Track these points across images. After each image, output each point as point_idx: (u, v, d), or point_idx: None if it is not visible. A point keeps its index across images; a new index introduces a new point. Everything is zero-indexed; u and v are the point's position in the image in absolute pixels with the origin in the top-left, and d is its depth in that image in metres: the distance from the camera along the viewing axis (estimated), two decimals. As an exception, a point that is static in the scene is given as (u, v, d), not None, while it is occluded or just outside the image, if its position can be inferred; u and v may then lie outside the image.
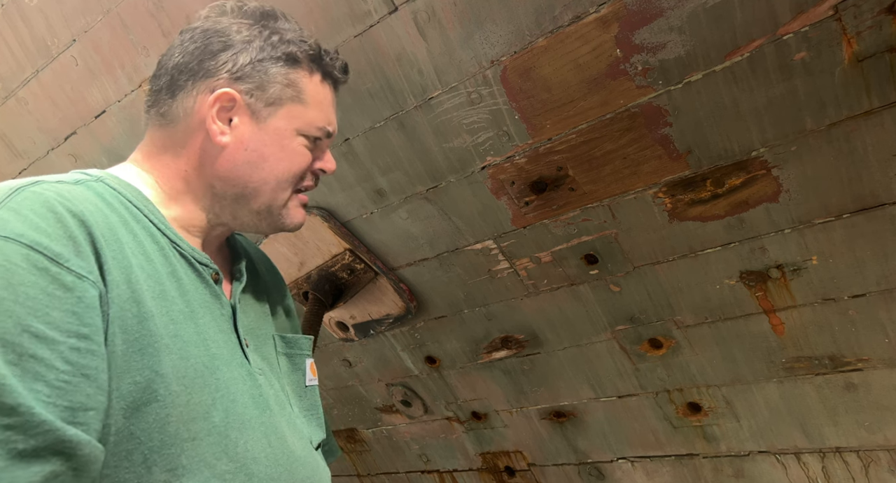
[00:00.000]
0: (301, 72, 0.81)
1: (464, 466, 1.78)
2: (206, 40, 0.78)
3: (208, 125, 0.77)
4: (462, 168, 1.15)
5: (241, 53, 0.78)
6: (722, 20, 0.85)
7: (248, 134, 0.79)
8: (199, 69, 0.78)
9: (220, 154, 0.79)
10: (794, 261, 1.04)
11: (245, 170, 0.80)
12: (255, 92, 0.78)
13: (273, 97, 0.79)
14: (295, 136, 0.82)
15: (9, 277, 0.54)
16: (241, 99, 0.78)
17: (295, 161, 0.82)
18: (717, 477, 1.37)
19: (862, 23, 0.80)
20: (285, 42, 0.80)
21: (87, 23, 1.31)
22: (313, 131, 0.83)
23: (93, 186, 0.68)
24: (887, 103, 0.85)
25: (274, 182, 0.81)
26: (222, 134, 0.78)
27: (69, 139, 1.51)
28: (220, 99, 0.77)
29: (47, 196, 0.60)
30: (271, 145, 0.80)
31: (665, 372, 1.28)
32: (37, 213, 0.58)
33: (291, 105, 0.81)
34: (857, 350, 1.08)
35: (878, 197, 0.93)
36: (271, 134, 0.80)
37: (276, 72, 0.79)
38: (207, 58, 0.78)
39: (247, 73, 0.78)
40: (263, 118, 0.79)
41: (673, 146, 0.99)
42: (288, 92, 0.80)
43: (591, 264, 1.20)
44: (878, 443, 1.16)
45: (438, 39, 1.02)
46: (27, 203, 0.58)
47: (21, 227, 0.56)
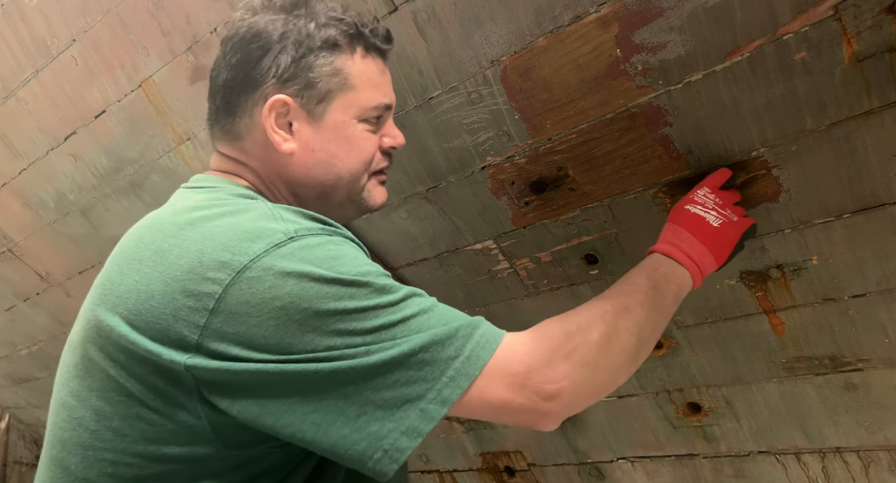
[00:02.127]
0: (343, 55, 0.79)
1: (464, 466, 1.78)
2: (246, 49, 0.77)
3: (270, 136, 0.77)
4: (462, 168, 1.15)
5: (282, 54, 0.76)
6: (722, 20, 0.85)
7: (310, 135, 0.79)
8: (247, 81, 0.77)
9: (291, 161, 0.79)
10: (794, 261, 1.04)
11: (319, 170, 0.80)
12: (304, 91, 0.77)
13: (323, 92, 0.78)
14: (356, 123, 0.81)
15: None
16: (293, 102, 0.77)
17: (363, 149, 0.82)
18: (717, 477, 1.37)
19: (862, 23, 0.80)
20: (321, 27, 0.77)
21: (87, 23, 1.31)
22: (371, 113, 0.82)
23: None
24: (887, 103, 0.85)
25: (348, 175, 0.81)
26: (286, 141, 0.78)
27: (69, 139, 1.51)
28: (274, 107, 0.76)
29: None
30: (335, 141, 0.79)
31: (665, 372, 1.28)
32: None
33: (343, 94, 0.79)
34: (857, 350, 1.08)
35: (878, 197, 0.93)
36: (332, 129, 0.79)
37: (319, 63, 0.77)
38: (251, 68, 0.77)
39: (292, 73, 0.76)
40: (320, 115, 0.78)
41: (673, 146, 0.99)
42: (336, 81, 0.78)
43: (592, 264, 1.20)
44: (878, 443, 1.16)
45: (438, 39, 1.02)
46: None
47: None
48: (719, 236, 0.87)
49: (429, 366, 0.61)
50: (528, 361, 0.65)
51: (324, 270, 0.61)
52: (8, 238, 1.86)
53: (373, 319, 0.61)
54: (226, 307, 0.60)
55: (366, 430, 0.59)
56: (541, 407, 0.65)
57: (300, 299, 0.60)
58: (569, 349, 0.67)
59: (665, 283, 0.81)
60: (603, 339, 0.70)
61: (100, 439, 0.64)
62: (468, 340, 0.63)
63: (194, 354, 0.60)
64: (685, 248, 0.85)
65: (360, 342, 0.60)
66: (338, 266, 0.62)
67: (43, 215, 1.73)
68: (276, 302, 0.60)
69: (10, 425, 2.78)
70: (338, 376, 0.59)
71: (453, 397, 0.61)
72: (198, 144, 1.37)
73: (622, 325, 0.73)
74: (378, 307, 0.62)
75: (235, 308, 0.60)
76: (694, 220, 0.88)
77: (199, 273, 0.61)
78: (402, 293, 0.65)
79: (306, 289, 0.60)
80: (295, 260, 0.61)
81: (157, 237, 0.67)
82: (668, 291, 0.80)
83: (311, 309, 0.60)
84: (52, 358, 2.25)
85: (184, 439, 0.63)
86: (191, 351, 0.60)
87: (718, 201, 0.91)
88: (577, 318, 0.72)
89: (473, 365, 0.62)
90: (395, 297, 0.64)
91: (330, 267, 0.62)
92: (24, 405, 2.67)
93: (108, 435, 0.64)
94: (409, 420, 0.60)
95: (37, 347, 2.24)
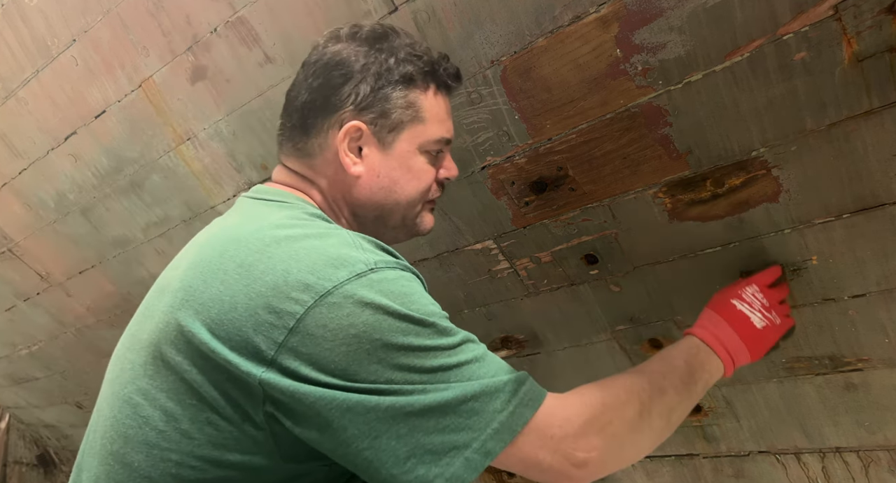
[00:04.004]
0: (417, 90, 0.85)
1: (464, 466, 1.78)
2: (328, 75, 0.83)
3: (342, 158, 0.82)
4: (462, 168, 1.15)
5: (362, 83, 0.81)
6: (722, 20, 0.85)
7: (377, 161, 0.84)
8: (326, 105, 0.83)
9: (356, 183, 0.84)
10: (794, 261, 1.04)
11: (381, 195, 0.85)
12: (378, 120, 0.82)
13: (395, 122, 0.83)
14: (418, 154, 0.86)
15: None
16: (366, 129, 0.82)
17: (422, 179, 0.87)
18: (717, 477, 1.37)
19: (862, 23, 0.80)
20: (400, 62, 0.83)
21: (87, 23, 1.31)
22: (434, 146, 0.87)
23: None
24: (887, 103, 0.85)
25: (406, 202, 0.87)
26: (355, 164, 0.83)
27: (69, 139, 1.51)
28: (350, 132, 0.82)
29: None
30: (399, 169, 0.85)
31: (665, 372, 1.28)
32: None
33: (413, 126, 0.85)
34: (857, 350, 1.08)
35: (878, 197, 0.93)
36: (397, 157, 0.85)
37: (395, 96, 0.83)
38: (332, 93, 0.82)
39: (369, 102, 0.82)
40: (389, 144, 0.84)
41: (673, 146, 0.99)
42: (408, 114, 0.84)
43: (591, 264, 1.20)
44: (878, 443, 1.16)
45: (438, 39, 1.02)
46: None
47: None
48: (761, 338, 0.92)
49: (477, 415, 0.64)
50: (566, 427, 0.69)
51: (398, 305, 0.65)
52: (8, 238, 1.86)
53: (432, 359, 0.65)
54: (304, 328, 0.63)
55: (413, 472, 0.63)
56: (569, 471, 0.69)
57: (373, 330, 0.63)
58: (604, 422, 0.71)
59: (700, 372, 0.85)
60: (636, 418, 0.74)
61: (167, 440, 0.66)
62: (514, 396, 0.67)
63: (268, 369, 0.63)
64: (725, 341, 0.89)
65: (418, 379, 0.64)
66: (409, 303, 0.66)
67: (43, 215, 1.73)
68: (352, 329, 0.63)
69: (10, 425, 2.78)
70: (394, 413, 0.63)
71: (496, 450, 0.64)
72: (198, 144, 1.37)
73: (655, 406, 0.77)
74: (438, 348, 0.65)
75: (313, 330, 0.63)
76: (738, 318, 0.92)
77: (284, 292, 0.64)
78: (459, 337, 0.68)
79: (380, 321, 0.64)
80: (374, 291, 0.65)
81: (241, 251, 0.69)
82: (700, 379, 0.84)
83: (381, 341, 0.63)
84: (51, 358, 2.25)
85: (246, 448, 0.66)
86: (265, 365, 0.63)
87: (765, 302, 0.95)
88: (616, 391, 0.76)
89: (517, 421, 0.66)
90: (453, 341, 0.67)
91: (403, 303, 0.65)
92: (24, 405, 2.67)
93: (176, 436, 0.66)
94: (454, 467, 0.63)
95: (37, 347, 2.24)
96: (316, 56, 0.85)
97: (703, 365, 0.86)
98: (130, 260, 1.71)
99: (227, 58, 1.22)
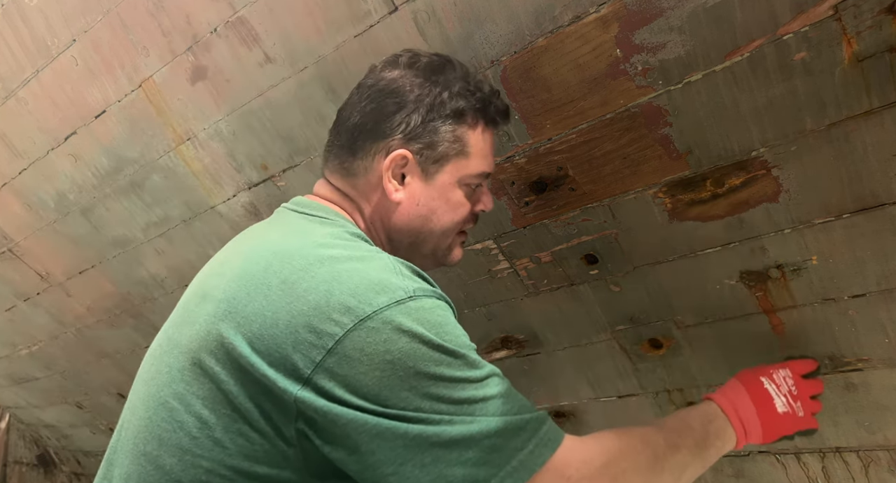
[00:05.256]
0: (466, 126, 0.87)
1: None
2: (382, 101, 0.84)
3: (385, 183, 0.84)
4: (462, 168, 1.15)
5: (414, 114, 0.83)
6: (722, 20, 0.85)
7: (418, 190, 0.86)
8: (377, 130, 0.84)
9: (396, 209, 0.87)
10: (794, 261, 1.04)
11: (417, 223, 0.88)
12: (425, 151, 0.84)
13: (441, 155, 0.85)
14: (457, 187, 0.88)
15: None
16: (412, 158, 0.84)
17: (458, 212, 0.89)
18: (717, 477, 1.37)
19: (862, 23, 0.80)
20: (454, 97, 0.85)
21: (87, 23, 1.31)
22: (474, 180, 0.89)
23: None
24: (887, 103, 0.85)
25: (440, 232, 0.89)
26: (397, 191, 0.85)
27: (69, 139, 1.51)
28: (396, 160, 0.84)
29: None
30: (438, 200, 0.87)
31: (665, 372, 1.28)
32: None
33: (457, 160, 0.86)
34: (857, 350, 1.08)
35: (878, 197, 0.93)
36: (438, 188, 0.87)
37: (444, 130, 0.84)
38: (383, 120, 0.84)
39: (418, 133, 0.83)
40: (431, 174, 0.86)
41: (673, 146, 0.99)
42: (455, 148, 0.86)
43: (591, 264, 1.20)
44: (878, 443, 1.16)
45: (438, 39, 1.02)
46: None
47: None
48: (778, 423, 0.93)
49: (498, 452, 0.65)
50: (583, 469, 0.70)
51: (433, 335, 0.66)
52: (8, 238, 1.86)
53: (461, 391, 0.66)
54: (342, 350, 0.64)
55: None
56: None
57: (408, 357, 0.65)
58: (619, 470, 0.72)
59: (714, 439, 0.86)
60: (649, 470, 0.75)
61: (200, 446, 0.68)
62: (535, 435, 0.68)
63: (304, 387, 0.64)
64: (743, 416, 0.91)
65: (446, 410, 0.65)
66: (444, 333, 0.68)
67: (43, 215, 1.73)
68: (388, 355, 0.64)
69: (10, 425, 2.78)
70: (421, 441, 0.64)
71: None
72: (198, 144, 1.37)
73: (668, 462, 0.78)
74: (467, 380, 0.67)
75: (350, 352, 0.64)
76: (762, 396, 0.93)
77: (325, 312, 0.65)
78: (486, 371, 0.69)
79: (416, 349, 0.65)
80: (412, 319, 0.66)
81: (286, 267, 0.70)
82: (714, 446, 0.86)
83: (415, 369, 0.65)
84: (52, 358, 2.25)
85: (275, 462, 0.67)
86: (302, 383, 0.64)
87: (794, 390, 0.96)
88: (633, 440, 0.77)
89: (535, 460, 0.67)
90: (481, 374, 0.68)
91: (438, 333, 0.67)
92: (24, 405, 2.67)
93: (208, 444, 0.67)
94: None
95: (37, 347, 2.24)
96: (372, 80, 0.87)
97: (719, 433, 0.87)
98: (130, 260, 1.71)
99: (227, 58, 1.22)
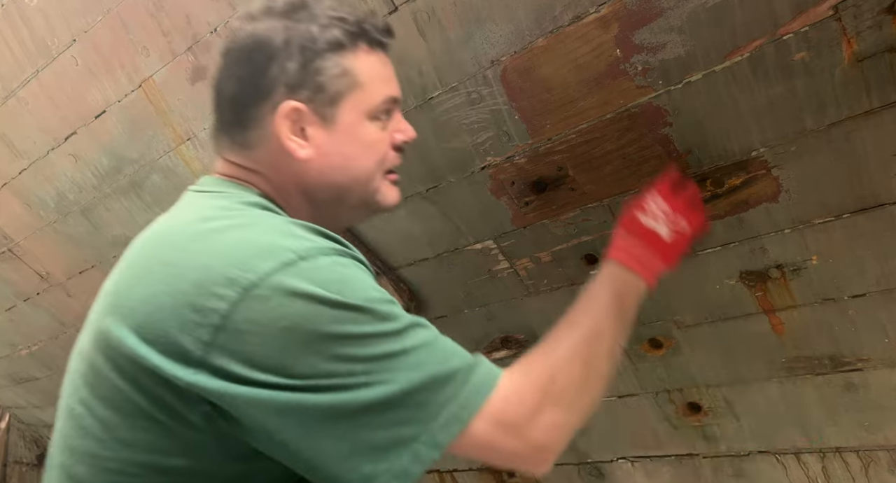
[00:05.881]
0: (349, 55, 0.77)
1: (464, 466, 1.78)
2: (250, 58, 0.75)
3: (285, 144, 0.76)
4: (462, 168, 1.15)
5: (288, 60, 0.74)
6: (722, 20, 0.85)
7: (325, 140, 0.78)
8: (257, 92, 0.76)
9: (307, 167, 0.78)
10: (794, 261, 1.04)
11: (335, 174, 0.79)
12: (315, 96, 0.76)
13: (333, 94, 0.77)
14: (367, 123, 0.79)
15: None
16: (304, 108, 0.75)
17: (377, 150, 0.81)
18: (717, 477, 1.37)
19: (862, 23, 0.80)
20: (323, 29, 0.76)
21: (87, 23, 1.31)
22: (381, 107, 0.80)
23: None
24: (887, 103, 0.85)
25: (363, 177, 0.81)
26: (302, 148, 0.77)
27: (69, 139, 1.51)
28: (287, 115, 0.75)
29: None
30: (350, 144, 0.79)
31: (665, 372, 1.28)
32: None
33: (352, 94, 0.78)
34: (857, 350, 1.08)
35: (878, 197, 0.93)
36: (345, 131, 0.78)
37: (327, 66, 0.76)
38: (259, 78, 0.75)
39: (300, 79, 0.75)
40: (332, 119, 0.77)
41: (673, 146, 0.99)
42: (345, 82, 0.77)
43: (591, 264, 1.20)
44: (878, 443, 1.16)
45: (438, 39, 1.02)
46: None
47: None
48: (671, 248, 0.90)
49: (424, 408, 0.62)
50: (522, 411, 0.67)
51: (331, 293, 0.61)
52: (8, 238, 1.86)
53: (374, 347, 0.61)
54: (232, 324, 0.60)
55: (358, 470, 0.60)
56: (533, 455, 0.68)
57: (306, 321, 0.60)
58: (557, 394, 0.70)
59: (627, 297, 0.84)
60: (583, 380, 0.74)
61: (107, 449, 0.64)
62: (465, 384, 0.64)
63: (198, 370, 0.60)
64: (642, 259, 0.88)
65: (361, 370, 0.60)
66: (345, 290, 0.62)
67: (43, 215, 1.73)
68: (283, 322, 0.60)
69: (10, 425, 2.78)
70: (334, 412, 0.60)
71: (445, 442, 0.62)
72: (198, 144, 1.37)
73: (597, 353, 0.76)
74: (381, 335, 0.62)
75: (242, 326, 0.60)
76: (647, 234, 0.90)
77: (207, 288, 0.61)
78: (404, 322, 0.65)
79: (312, 311, 0.60)
80: (304, 280, 0.61)
81: (166, 248, 0.67)
82: (631, 304, 0.84)
83: (316, 332, 0.60)
84: (52, 358, 2.25)
85: (188, 452, 0.63)
86: (195, 366, 0.60)
87: (668, 212, 0.91)
88: (559, 354, 0.75)
89: (468, 411, 0.63)
90: (397, 326, 0.64)
91: (337, 290, 0.62)
92: (25, 405, 2.67)
93: (114, 445, 0.64)
94: (402, 462, 0.61)
95: (37, 347, 2.24)
96: (232, 40, 0.77)
97: (629, 288, 0.85)
98: (130, 260, 1.70)
99: (227, 58, 1.22)
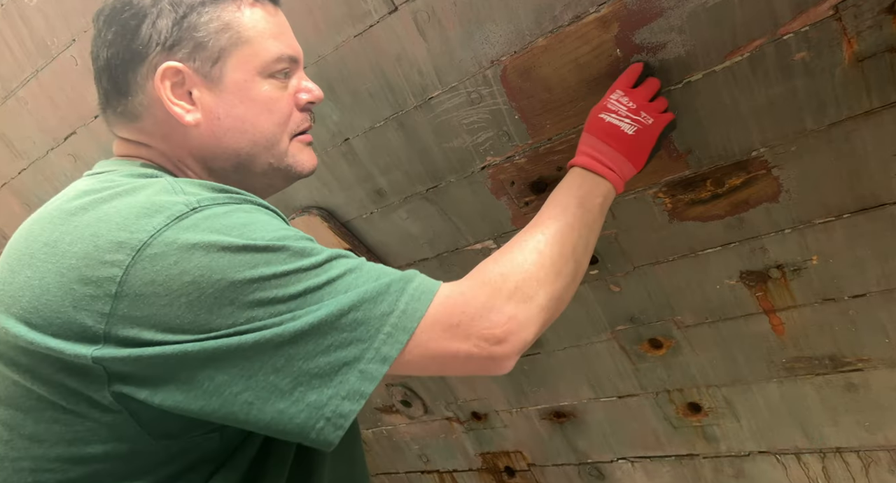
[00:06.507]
0: (229, 7, 0.72)
1: (464, 466, 1.78)
2: (120, 21, 0.70)
3: (170, 109, 0.70)
4: (462, 168, 1.15)
5: (159, 18, 0.69)
6: (722, 20, 0.85)
7: (213, 102, 0.72)
8: (131, 55, 0.70)
9: (198, 133, 0.73)
10: (794, 261, 1.04)
11: (230, 139, 0.73)
12: (195, 54, 0.70)
13: (215, 51, 0.71)
14: (260, 81, 0.74)
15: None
16: (185, 68, 0.70)
17: (276, 110, 0.75)
18: (718, 477, 1.37)
19: (862, 23, 0.80)
20: None
21: (88, 22, 1.31)
22: (275, 66, 0.75)
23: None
24: (887, 103, 0.85)
25: (264, 140, 0.75)
26: (189, 112, 0.71)
27: (69, 139, 1.51)
28: (166, 76, 0.70)
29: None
30: (241, 104, 0.73)
31: (665, 372, 1.28)
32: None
33: (237, 50, 0.72)
34: (857, 350, 1.08)
35: (878, 197, 0.93)
36: (234, 91, 0.72)
37: (204, 21, 0.70)
38: (131, 40, 0.70)
39: (176, 37, 0.70)
40: (218, 78, 0.72)
41: (673, 146, 0.99)
42: (227, 37, 0.71)
43: (591, 264, 1.20)
44: (878, 443, 1.16)
45: (438, 39, 1.02)
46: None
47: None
48: (635, 144, 0.85)
49: (362, 325, 0.59)
50: (469, 310, 0.64)
51: (233, 238, 0.58)
52: (8, 238, 1.86)
53: (295, 284, 0.58)
54: (130, 290, 0.56)
55: (304, 401, 0.57)
56: (492, 352, 0.65)
57: (211, 271, 0.56)
58: (510, 289, 0.67)
59: (591, 199, 0.80)
60: (541, 272, 0.70)
61: (15, 449, 0.60)
62: (402, 295, 0.61)
63: (102, 345, 0.56)
64: (604, 159, 0.83)
65: (285, 309, 0.57)
66: (249, 232, 0.59)
67: (43, 215, 1.73)
68: (185, 277, 0.56)
69: None
70: (264, 348, 0.56)
71: (393, 354, 0.59)
72: (198, 144, 1.37)
73: (557, 252, 0.72)
74: (299, 271, 0.59)
75: (141, 289, 0.56)
76: (608, 130, 0.85)
77: (96, 257, 0.57)
78: (325, 255, 0.61)
79: (216, 259, 0.56)
80: (200, 231, 0.57)
81: (46, 228, 0.62)
82: (594, 206, 0.80)
83: (225, 280, 0.56)
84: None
85: (106, 436, 0.59)
86: (98, 342, 0.56)
87: (631, 105, 0.87)
88: (512, 255, 0.71)
89: (410, 318, 0.60)
90: (317, 260, 0.60)
91: (240, 234, 0.58)
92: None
93: (22, 443, 0.60)
94: (350, 383, 0.58)
95: (37, 347, 2.24)
96: (103, 4, 0.72)
97: (592, 191, 0.81)
98: (130, 260, 1.70)
99: (227, 58, 1.22)
